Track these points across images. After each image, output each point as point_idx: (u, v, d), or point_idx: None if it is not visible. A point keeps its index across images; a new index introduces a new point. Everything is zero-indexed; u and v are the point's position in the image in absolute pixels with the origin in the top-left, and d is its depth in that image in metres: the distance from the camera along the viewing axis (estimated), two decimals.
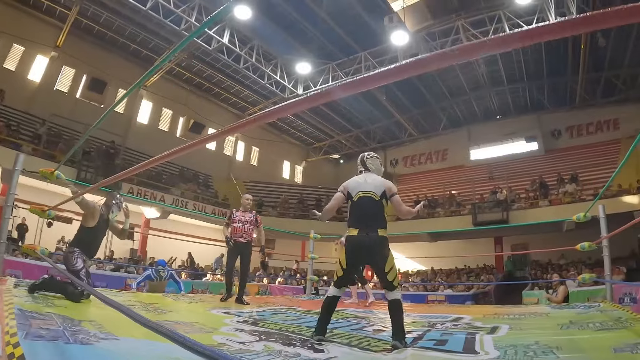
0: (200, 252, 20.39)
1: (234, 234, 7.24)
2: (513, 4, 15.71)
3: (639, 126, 20.64)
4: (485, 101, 24.77)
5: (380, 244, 3.86)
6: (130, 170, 3.95)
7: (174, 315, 4.76)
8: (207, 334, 3.54)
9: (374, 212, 3.98)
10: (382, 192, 4.03)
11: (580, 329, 4.38)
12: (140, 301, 5.54)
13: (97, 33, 18.96)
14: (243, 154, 26.87)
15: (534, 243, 19.49)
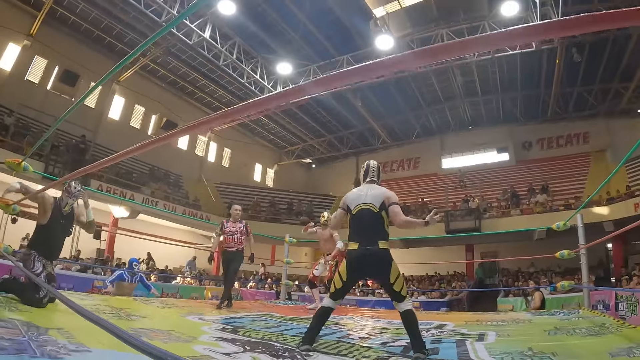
0: (170, 254, 19.97)
1: (225, 244, 7.41)
2: (498, 14, 15.93)
3: (608, 140, 21.69)
4: (458, 111, 25.08)
5: (382, 257, 3.72)
6: (95, 164, 3.67)
7: (147, 322, 4.47)
8: (185, 344, 3.31)
9: (373, 225, 3.83)
10: (381, 204, 3.87)
11: (568, 334, 4.38)
12: (110, 306, 5.18)
13: (73, 24, 18.28)
14: (215, 155, 26.48)
15: (504, 251, 19.83)
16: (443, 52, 1.40)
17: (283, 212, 24.44)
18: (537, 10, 14.72)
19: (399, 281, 3.67)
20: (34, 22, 17.40)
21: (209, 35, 16.64)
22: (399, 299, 3.63)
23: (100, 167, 3.55)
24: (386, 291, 3.83)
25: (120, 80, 20.54)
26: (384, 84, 21.01)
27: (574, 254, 6.92)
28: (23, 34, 17.49)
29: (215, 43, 16.94)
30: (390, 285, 3.65)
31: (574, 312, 6.53)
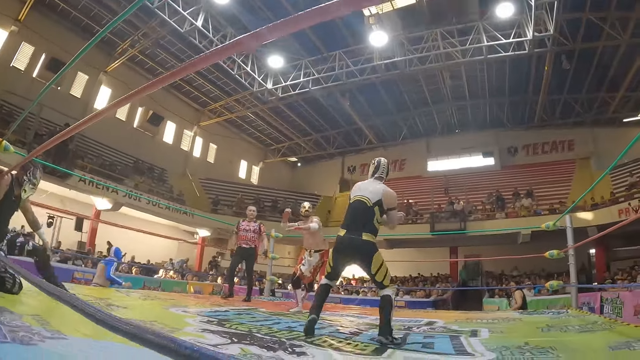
0: (153, 248, 19.72)
1: (239, 241, 8.10)
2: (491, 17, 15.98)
3: (593, 148, 21.99)
4: (446, 115, 25.18)
5: (363, 248, 3.87)
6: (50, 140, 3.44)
7: (129, 313, 4.29)
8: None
9: (362, 216, 3.97)
10: (378, 200, 4.00)
11: (562, 331, 4.36)
12: (91, 296, 5.05)
13: (62, 11, 17.86)
14: (200, 150, 26.17)
15: (488, 254, 19.87)
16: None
17: (267, 209, 24.28)
18: (532, 13, 14.79)
19: (381, 271, 3.82)
20: (22, 7, 16.97)
21: (201, 24, 16.43)
22: (380, 286, 3.83)
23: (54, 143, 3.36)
24: (371, 279, 3.95)
25: (108, 71, 20.15)
26: (373, 85, 21.04)
27: (562, 254, 6.94)
28: (11, 18, 17.02)
29: (207, 32, 16.72)
30: (372, 275, 3.84)
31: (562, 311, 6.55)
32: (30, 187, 4.54)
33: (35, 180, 4.55)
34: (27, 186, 4.51)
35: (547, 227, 7.23)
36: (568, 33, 16.25)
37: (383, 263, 3.85)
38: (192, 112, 24.85)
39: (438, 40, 17.19)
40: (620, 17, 15.55)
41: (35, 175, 4.54)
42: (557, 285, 7.08)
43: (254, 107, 23.62)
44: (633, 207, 15.31)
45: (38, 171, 4.57)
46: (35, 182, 4.55)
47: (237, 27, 17.59)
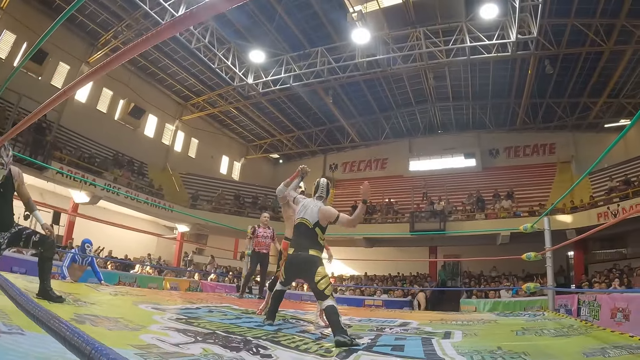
0: (131, 243, 19.44)
1: (257, 247, 8.67)
2: (475, 18, 15.99)
3: (573, 152, 22.26)
4: (428, 115, 25.21)
5: (308, 261, 4.25)
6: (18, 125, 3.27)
7: (96, 309, 4.17)
8: (133, 332, 3.08)
9: (306, 237, 4.39)
10: (316, 222, 4.42)
11: (537, 335, 4.31)
12: (60, 290, 4.84)
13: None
14: (182, 144, 25.83)
15: (467, 254, 20.00)
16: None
17: (248, 205, 24.12)
18: (515, 16, 14.82)
19: (324, 281, 4.09)
20: None
21: None
22: (322, 296, 4.02)
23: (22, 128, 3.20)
24: (312, 290, 4.24)
25: (90, 62, 19.60)
26: (356, 84, 21.00)
27: (540, 256, 6.94)
28: None
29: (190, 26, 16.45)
30: (315, 284, 4.08)
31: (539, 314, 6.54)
32: (3, 169, 4.24)
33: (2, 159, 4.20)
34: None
35: (525, 229, 7.23)
36: (553, 38, 16.41)
37: (326, 276, 4.15)
38: (174, 106, 24.54)
39: (421, 40, 17.18)
40: (605, 24, 15.74)
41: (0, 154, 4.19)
42: (534, 287, 7.10)
43: (236, 102, 23.40)
44: (612, 211, 15.50)
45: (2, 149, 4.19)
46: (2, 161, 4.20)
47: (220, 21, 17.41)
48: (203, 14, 1.59)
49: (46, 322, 1.15)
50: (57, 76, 18.74)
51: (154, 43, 1.77)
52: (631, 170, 17.99)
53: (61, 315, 3.33)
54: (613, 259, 17.49)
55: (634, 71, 18.20)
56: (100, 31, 18.78)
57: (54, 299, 4.12)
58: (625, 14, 15.09)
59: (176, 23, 1.68)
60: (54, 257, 4.66)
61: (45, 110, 2.63)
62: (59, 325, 1.14)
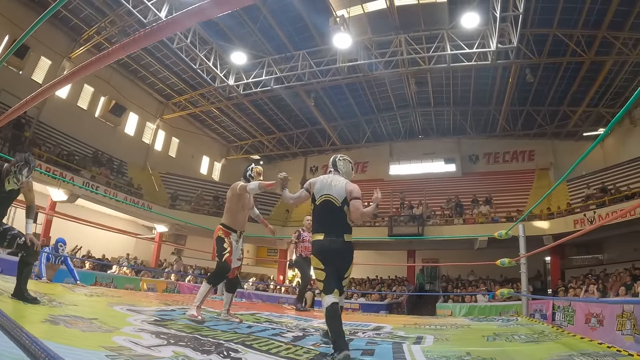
0: (108, 243, 19.18)
1: (305, 252, 8.31)
2: (457, 26, 16.15)
3: (552, 159, 22.62)
4: (409, 120, 25.41)
5: (346, 250, 3.78)
6: None
7: (70, 310, 4.15)
8: (106, 334, 3.09)
9: (335, 218, 3.82)
10: (344, 199, 3.83)
11: (507, 340, 4.36)
12: (35, 291, 4.77)
13: None
14: (162, 143, 25.63)
15: (445, 259, 20.16)
16: None
17: None
18: (496, 25, 14.99)
19: (348, 277, 3.85)
20: None
21: (165, 16, 16.00)
22: (342, 291, 3.69)
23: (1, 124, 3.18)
24: (333, 280, 3.65)
25: (72, 57, 19.33)
26: (339, 87, 21.06)
27: (514, 263, 7.02)
28: None
29: None
30: (342, 278, 3.76)
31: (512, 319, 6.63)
32: (14, 181, 4.40)
33: (20, 176, 4.37)
34: (11, 179, 4.38)
35: (500, 235, 7.31)
36: (534, 47, 16.68)
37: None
38: (156, 105, 24.34)
39: (402, 46, 17.30)
40: (586, 35, 16.08)
41: (22, 171, 4.36)
42: (508, 293, 7.16)
43: (218, 102, 23.28)
44: (588, 217, 15.76)
45: (26, 169, 4.39)
46: (20, 177, 4.37)
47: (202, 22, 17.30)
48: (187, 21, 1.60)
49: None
50: (38, 71, 18.42)
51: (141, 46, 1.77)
52: (608, 178, 18.36)
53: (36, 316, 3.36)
54: (589, 264, 17.89)
55: (614, 81, 18.66)
56: (84, 26, 18.52)
57: (29, 300, 4.13)
58: (606, 25, 15.48)
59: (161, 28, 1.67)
60: (34, 263, 4.66)
61: (26, 106, 2.60)
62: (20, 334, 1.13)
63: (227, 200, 5.48)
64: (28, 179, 4.50)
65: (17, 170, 4.32)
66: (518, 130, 23.43)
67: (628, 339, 5.88)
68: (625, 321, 6.02)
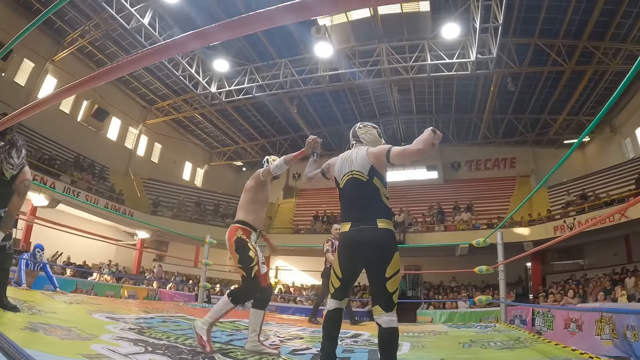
0: (89, 249, 18.95)
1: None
2: (438, 36, 16.32)
3: (533, 166, 22.99)
4: (392, 128, 25.55)
5: (381, 240, 2.87)
6: None
7: (49, 317, 4.14)
8: (84, 342, 3.08)
9: (365, 197, 3.01)
10: (370, 169, 3.03)
11: (482, 347, 4.41)
12: (15, 299, 4.74)
13: None
14: (145, 149, 25.44)
15: (427, 266, 20.25)
16: None
17: (209, 213, 23.89)
18: (476, 36, 15.18)
19: (396, 279, 2.82)
20: None
21: (148, 22, 15.96)
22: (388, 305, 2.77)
23: None
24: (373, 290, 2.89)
25: (55, 60, 19.16)
26: (322, 94, 21.12)
27: (492, 270, 7.09)
28: None
29: (153, 31, 16.27)
30: (383, 280, 2.79)
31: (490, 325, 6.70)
32: (9, 167, 4.09)
33: (12, 159, 4.09)
34: (5, 166, 4.08)
35: (478, 243, 7.38)
36: (516, 57, 16.91)
37: (399, 267, 2.89)
38: (139, 109, 24.18)
39: (383, 56, 17.47)
40: (567, 45, 16.38)
41: (11, 154, 4.09)
42: (486, 300, 7.24)
43: (201, 108, 23.17)
44: (568, 224, 16.01)
45: (14, 150, 4.11)
46: (12, 161, 4.09)
47: (185, 27, 17.25)
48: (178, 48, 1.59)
49: None
50: (20, 73, 18.16)
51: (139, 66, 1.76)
52: (588, 185, 18.75)
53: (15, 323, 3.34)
54: (570, 269, 18.16)
55: (594, 90, 19.08)
56: (68, 29, 18.27)
57: (8, 307, 4.08)
58: (587, 35, 15.82)
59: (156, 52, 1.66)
60: (10, 267, 4.58)
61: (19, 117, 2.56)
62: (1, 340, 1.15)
63: (247, 192, 4.46)
64: (22, 161, 4.19)
65: (6, 154, 4.07)
66: (500, 137, 23.85)
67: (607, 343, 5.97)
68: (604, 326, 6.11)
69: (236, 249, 3.96)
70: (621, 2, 14.01)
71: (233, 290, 3.94)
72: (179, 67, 18.65)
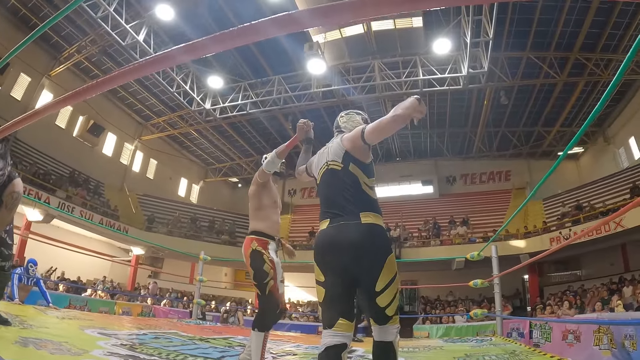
0: (83, 265, 18.79)
1: None
2: (430, 52, 16.44)
3: (528, 179, 23.13)
4: (386, 143, 25.55)
5: (368, 238, 2.32)
6: None
7: (41, 332, 4.09)
8: (75, 357, 3.06)
9: (341, 188, 2.50)
10: (344, 155, 2.57)
11: None
12: (7, 313, 4.68)
13: (11, 7, 16.69)
14: (140, 165, 25.39)
15: (423, 280, 20.19)
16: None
17: (204, 229, 23.77)
18: (467, 50, 15.31)
19: (392, 289, 2.31)
20: None
21: (143, 39, 16.06)
22: (379, 318, 2.31)
23: None
24: (361, 303, 2.43)
25: (51, 75, 19.20)
26: (317, 110, 21.16)
27: (487, 283, 7.08)
28: None
29: (148, 47, 16.35)
30: (373, 296, 2.29)
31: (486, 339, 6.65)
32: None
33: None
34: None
35: (472, 257, 7.35)
36: (508, 70, 17.06)
37: (396, 273, 2.37)
38: (134, 125, 24.18)
39: (376, 72, 17.65)
40: (559, 57, 16.56)
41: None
42: (482, 313, 7.22)
43: (197, 124, 23.17)
44: (564, 235, 15.96)
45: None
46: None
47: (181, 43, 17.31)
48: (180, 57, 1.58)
49: None
50: (17, 87, 18.17)
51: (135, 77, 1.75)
52: (583, 196, 18.76)
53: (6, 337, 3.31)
54: (568, 280, 18.18)
55: (586, 101, 19.27)
56: (64, 44, 18.37)
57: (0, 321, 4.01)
58: (578, 47, 16.01)
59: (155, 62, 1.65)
60: (5, 287, 4.51)
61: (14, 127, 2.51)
62: None
63: (252, 199, 4.13)
64: (10, 171, 3.88)
65: None
66: (494, 151, 23.95)
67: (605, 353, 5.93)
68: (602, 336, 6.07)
69: (251, 262, 3.66)
70: (611, 13, 14.21)
71: (254, 319, 3.59)
72: (173, 84, 18.70)
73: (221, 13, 15.79)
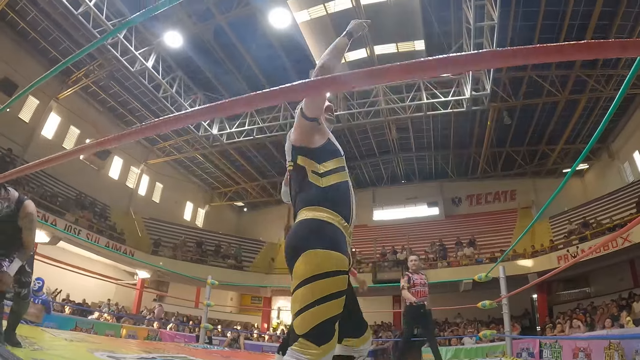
0: (89, 287, 18.76)
1: (420, 298, 6.79)
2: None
3: (534, 198, 23.09)
4: (392, 165, 25.77)
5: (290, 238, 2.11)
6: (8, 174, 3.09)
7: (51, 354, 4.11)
8: None
9: (294, 188, 2.37)
10: (292, 150, 2.39)
11: None
12: (17, 334, 4.77)
13: (22, 31, 17.06)
14: (146, 188, 25.51)
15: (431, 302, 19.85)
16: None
17: (210, 253, 23.70)
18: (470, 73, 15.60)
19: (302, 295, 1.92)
20: None
21: (152, 65, 16.31)
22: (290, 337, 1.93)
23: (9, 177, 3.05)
24: None
25: (59, 98, 19.48)
26: None
27: (495, 304, 7.04)
28: None
29: (157, 74, 16.59)
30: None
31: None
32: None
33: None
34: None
35: (480, 278, 7.35)
36: (511, 90, 17.20)
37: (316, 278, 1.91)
38: (141, 149, 24.34)
39: (380, 96, 17.86)
40: (560, 75, 16.69)
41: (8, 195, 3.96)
42: (491, 334, 7.17)
43: (202, 149, 23.30)
44: (571, 253, 15.87)
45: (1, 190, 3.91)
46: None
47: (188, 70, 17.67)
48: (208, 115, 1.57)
49: None
50: (25, 109, 18.44)
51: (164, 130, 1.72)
52: (589, 213, 18.68)
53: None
54: (577, 298, 17.91)
55: (589, 118, 19.35)
56: (72, 68, 18.57)
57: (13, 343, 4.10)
58: (579, 64, 16.14)
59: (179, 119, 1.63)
60: (24, 314, 4.65)
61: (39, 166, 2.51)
62: None
63: None
64: (16, 195, 4.03)
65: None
66: (499, 171, 24.00)
67: None
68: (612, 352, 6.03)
69: None
70: (610, 29, 14.32)
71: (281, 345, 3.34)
72: (181, 109, 18.84)
73: (227, 39, 16.04)
